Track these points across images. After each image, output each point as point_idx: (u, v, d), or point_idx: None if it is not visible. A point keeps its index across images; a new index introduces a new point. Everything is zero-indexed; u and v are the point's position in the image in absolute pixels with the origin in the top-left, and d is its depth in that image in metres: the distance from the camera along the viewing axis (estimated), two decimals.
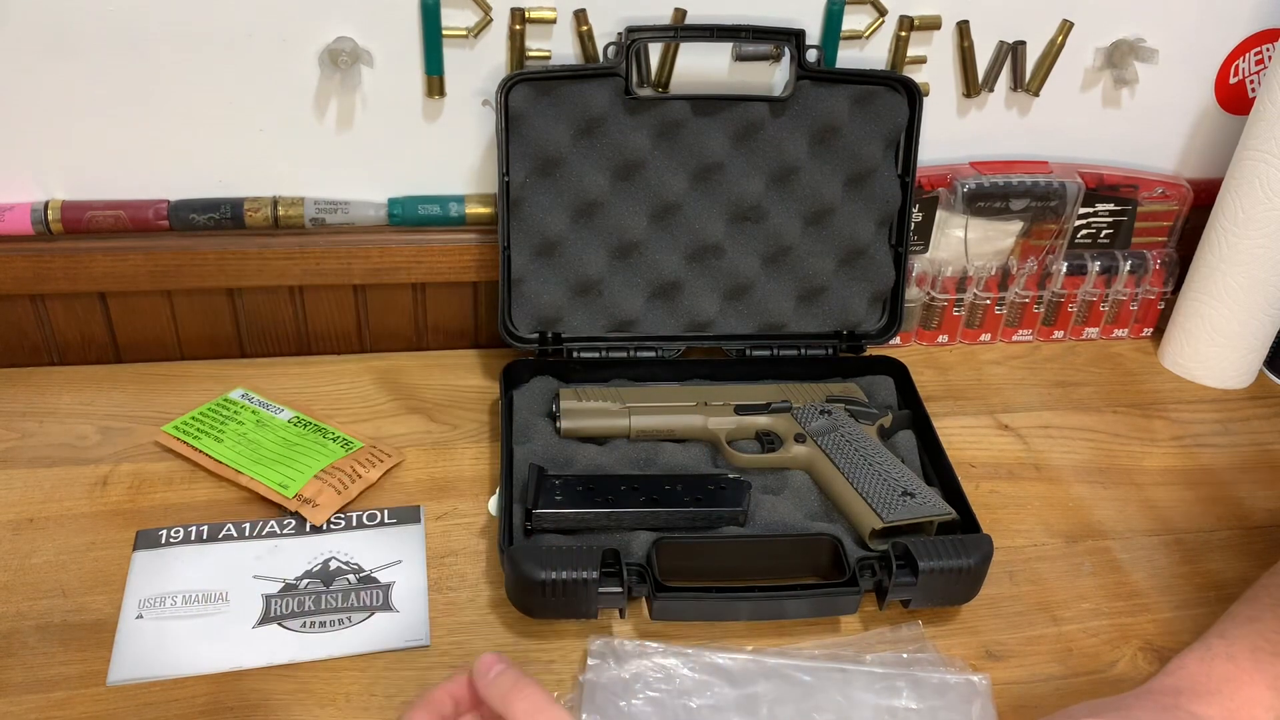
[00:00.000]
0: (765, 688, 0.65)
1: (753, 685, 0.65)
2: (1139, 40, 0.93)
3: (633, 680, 0.65)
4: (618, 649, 0.67)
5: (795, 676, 0.66)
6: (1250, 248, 0.91)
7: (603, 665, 0.66)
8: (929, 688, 0.66)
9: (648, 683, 0.65)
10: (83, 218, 0.87)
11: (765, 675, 0.66)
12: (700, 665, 0.66)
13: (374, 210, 0.91)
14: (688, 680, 0.65)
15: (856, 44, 0.90)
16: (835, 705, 0.64)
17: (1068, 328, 1.04)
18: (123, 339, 0.94)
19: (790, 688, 0.65)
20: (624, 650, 0.67)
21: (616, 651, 0.67)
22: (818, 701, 0.64)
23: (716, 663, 0.67)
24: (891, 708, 0.65)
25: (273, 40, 0.83)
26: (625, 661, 0.66)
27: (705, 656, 0.67)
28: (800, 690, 0.65)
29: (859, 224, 0.90)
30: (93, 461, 0.82)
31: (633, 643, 0.68)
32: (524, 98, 0.84)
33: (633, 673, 0.66)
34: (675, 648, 0.67)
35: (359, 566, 0.74)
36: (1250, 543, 0.81)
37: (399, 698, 0.66)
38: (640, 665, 0.66)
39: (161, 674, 0.66)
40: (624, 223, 0.88)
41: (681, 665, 0.66)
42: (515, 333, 0.89)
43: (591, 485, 0.76)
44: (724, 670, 0.66)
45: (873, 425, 0.84)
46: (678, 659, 0.67)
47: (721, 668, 0.66)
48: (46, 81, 0.82)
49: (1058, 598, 0.75)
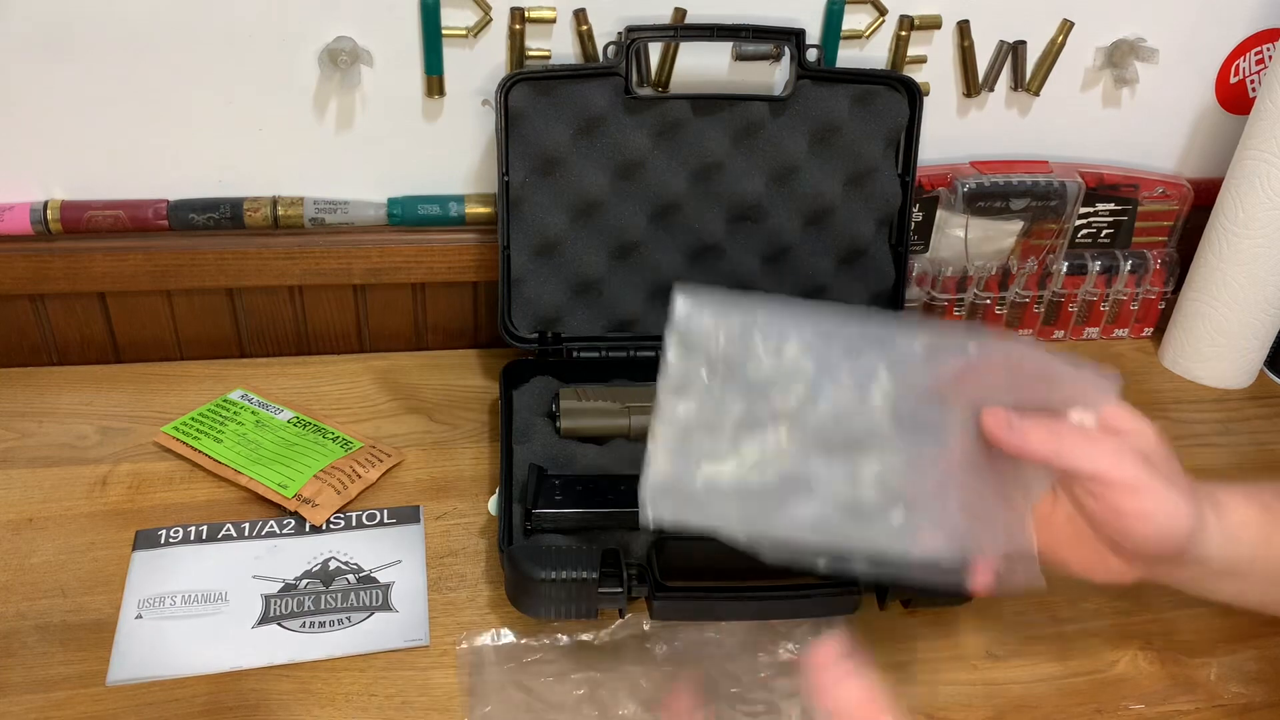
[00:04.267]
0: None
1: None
2: (1139, 40, 0.93)
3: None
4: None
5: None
6: (1250, 247, 0.91)
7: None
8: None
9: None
10: (82, 218, 0.87)
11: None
12: None
13: (374, 210, 0.91)
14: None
15: (856, 44, 0.90)
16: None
17: (1068, 328, 1.04)
18: (122, 339, 0.94)
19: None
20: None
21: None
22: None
23: None
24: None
25: (273, 40, 0.83)
26: None
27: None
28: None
29: (859, 224, 0.90)
30: (92, 461, 0.82)
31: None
32: (524, 97, 0.84)
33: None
34: None
35: (358, 566, 0.74)
36: None
37: (398, 698, 0.66)
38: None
39: (161, 674, 0.66)
40: (624, 222, 0.88)
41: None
42: (515, 332, 0.89)
43: (591, 485, 0.76)
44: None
45: None
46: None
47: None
48: (46, 81, 0.82)
49: (1058, 598, 0.75)
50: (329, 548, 0.75)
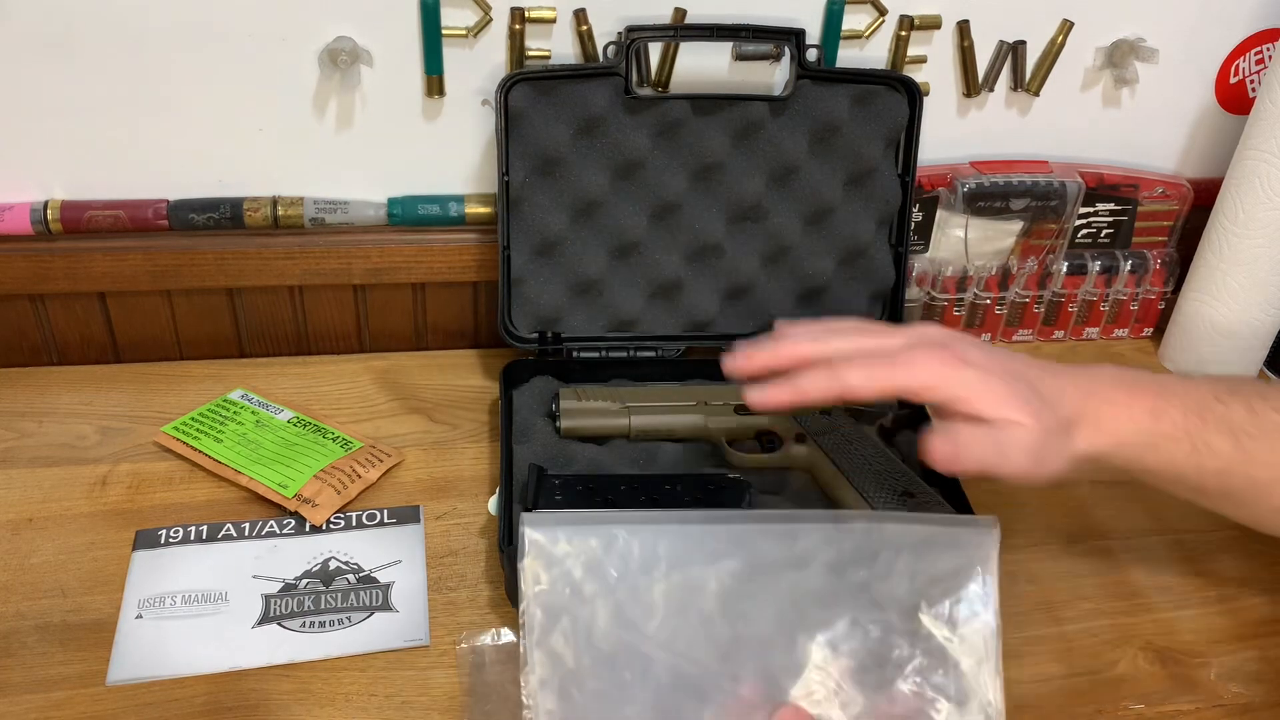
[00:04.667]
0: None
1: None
2: (1139, 40, 0.93)
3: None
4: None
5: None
6: (1250, 247, 0.91)
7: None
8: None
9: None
10: (82, 217, 0.87)
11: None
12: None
13: (374, 210, 0.91)
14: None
15: (856, 44, 0.90)
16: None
17: (1068, 328, 1.04)
18: (122, 339, 0.94)
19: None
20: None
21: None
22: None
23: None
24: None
25: (273, 40, 0.83)
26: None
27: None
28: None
29: (859, 224, 0.90)
30: (92, 461, 0.82)
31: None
32: (524, 97, 0.84)
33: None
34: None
35: (358, 566, 0.74)
36: (1250, 542, 0.81)
37: (398, 698, 0.66)
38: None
39: (161, 674, 0.66)
40: (624, 222, 0.88)
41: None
42: (515, 333, 0.89)
43: (591, 485, 0.76)
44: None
45: (873, 425, 0.83)
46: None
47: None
48: (46, 81, 0.82)
49: (1058, 598, 0.75)
50: (329, 548, 0.75)
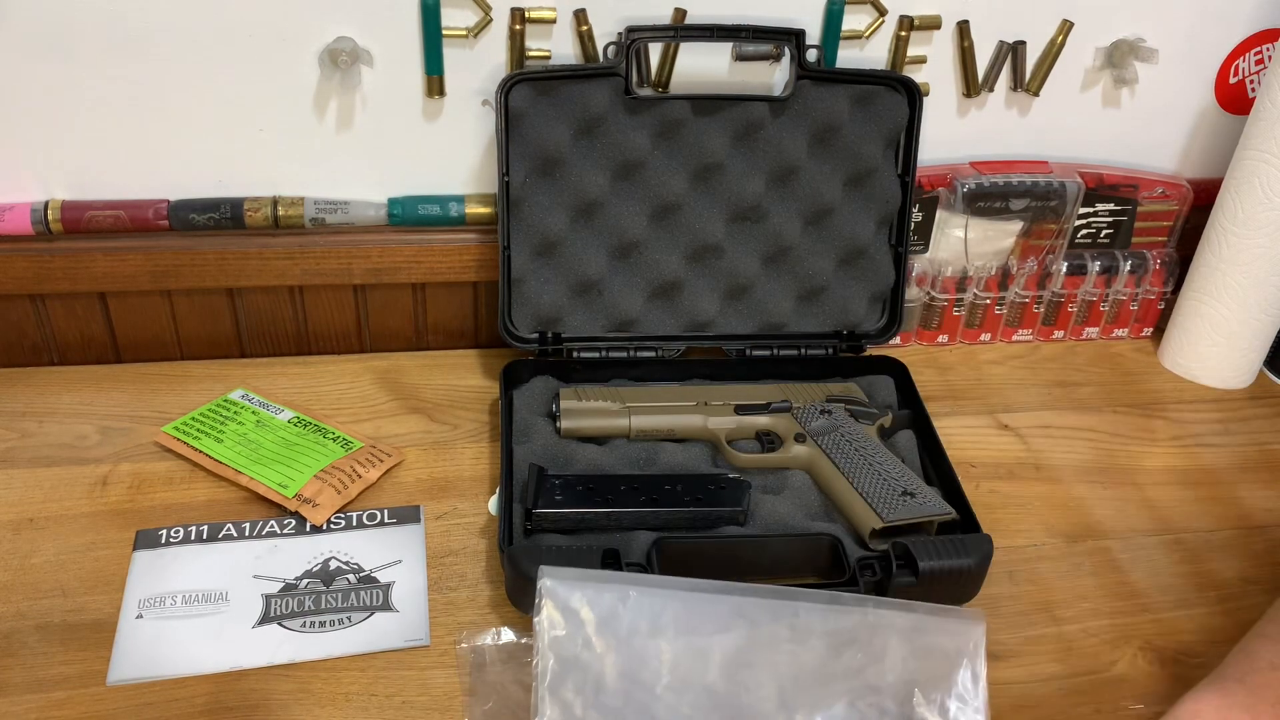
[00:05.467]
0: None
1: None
2: (1139, 40, 0.93)
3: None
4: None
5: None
6: (1250, 247, 0.91)
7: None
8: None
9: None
10: (82, 218, 0.87)
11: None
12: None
13: (374, 210, 0.91)
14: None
15: (856, 44, 0.90)
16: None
17: (1068, 328, 1.04)
18: (123, 339, 0.94)
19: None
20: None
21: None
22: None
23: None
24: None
25: (273, 40, 0.83)
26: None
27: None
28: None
29: (859, 224, 0.90)
30: (92, 461, 0.82)
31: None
32: (524, 98, 0.84)
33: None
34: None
35: (359, 566, 0.74)
36: (1250, 542, 0.81)
37: (399, 697, 0.66)
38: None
39: (161, 674, 0.66)
40: (624, 223, 0.88)
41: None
42: (515, 333, 0.89)
43: (591, 485, 0.76)
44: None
45: (873, 425, 0.84)
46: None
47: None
48: (47, 81, 0.82)
49: (1058, 598, 0.75)
50: (329, 547, 0.75)
